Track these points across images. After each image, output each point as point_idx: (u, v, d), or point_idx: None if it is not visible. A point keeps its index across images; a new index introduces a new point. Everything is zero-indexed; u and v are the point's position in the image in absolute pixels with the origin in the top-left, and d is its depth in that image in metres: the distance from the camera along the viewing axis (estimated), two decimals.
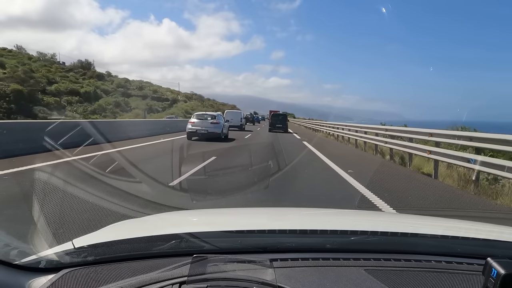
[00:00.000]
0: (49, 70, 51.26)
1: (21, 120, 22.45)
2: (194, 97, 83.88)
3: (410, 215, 3.02)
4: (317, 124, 31.00)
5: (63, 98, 43.77)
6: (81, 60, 64.45)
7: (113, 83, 61.04)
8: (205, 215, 1.96)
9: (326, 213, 2.06)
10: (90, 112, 43.39)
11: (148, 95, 62.11)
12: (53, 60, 59.89)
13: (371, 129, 14.23)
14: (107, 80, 60.74)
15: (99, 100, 48.11)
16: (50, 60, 58.51)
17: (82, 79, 54.24)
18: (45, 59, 57.89)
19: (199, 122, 16.22)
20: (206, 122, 16.28)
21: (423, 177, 8.46)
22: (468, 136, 7.35)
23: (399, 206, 5.11)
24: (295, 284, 0.95)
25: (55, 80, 47.71)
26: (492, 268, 0.83)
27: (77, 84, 50.35)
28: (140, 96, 59.58)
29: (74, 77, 53.74)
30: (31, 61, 52.08)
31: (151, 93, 65.33)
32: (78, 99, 45.84)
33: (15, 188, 5.39)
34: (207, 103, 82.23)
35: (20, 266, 1.05)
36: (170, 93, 74.71)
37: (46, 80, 45.62)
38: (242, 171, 7.85)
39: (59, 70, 54.46)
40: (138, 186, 5.57)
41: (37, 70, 47.80)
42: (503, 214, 5.34)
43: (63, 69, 56.19)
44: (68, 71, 55.92)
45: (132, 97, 56.91)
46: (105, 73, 66.98)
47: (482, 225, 1.72)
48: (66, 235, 3.09)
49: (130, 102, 53.81)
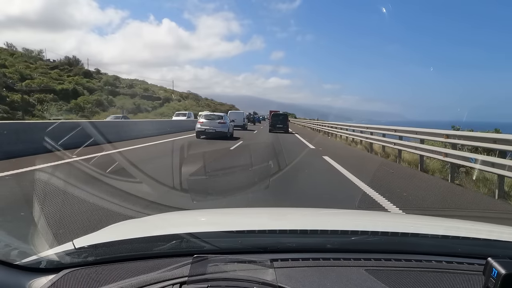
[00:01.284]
0: (29, 66, 47.67)
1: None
2: (190, 96, 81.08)
3: (410, 215, 3.03)
4: (319, 124, 30.79)
5: (33, 95, 38.85)
6: (68, 57, 61.36)
7: (101, 80, 57.21)
8: (206, 215, 1.96)
9: (326, 213, 2.06)
10: (64, 111, 38.61)
11: (138, 94, 58.63)
12: (39, 57, 57.23)
13: (382, 130, 12.84)
14: (95, 78, 57.23)
15: (77, 99, 43.24)
16: (35, 57, 55.80)
17: (67, 76, 50.49)
18: (31, 55, 55.24)
19: (207, 122, 17.72)
20: (214, 122, 17.75)
21: (438, 180, 7.97)
22: (492, 138, 6.66)
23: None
24: (296, 284, 0.95)
25: (31, 76, 43.38)
26: (492, 268, 0.83)
27: (57, 81, 45.65)
28: (129, 94, 55.89)
29: (58, 74, 50.09)
30: (12, 57, 48.31)
31: (141, 91, 61.84)
32: (53, 97, 40.43)
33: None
34: (203, 103, 79.14)
35: (20, 266, 1.05)
36: (163, 92, 71.59)
37: (19, 76, 40.88)
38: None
39: (43, 66, 51.28)
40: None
41: (11, 65, 43.62)
42: (503, 214, 5.33)
43: (47, 66, 52.99)
44: (52, 68, 52.60)
45: (119, 96, 53.08)
46: (94, 70, 63.56)
47: (483, 225, 1.72)
48: (67, 235, 3.09)
49: (116, 101, 49.48)
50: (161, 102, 60.55)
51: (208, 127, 17.48)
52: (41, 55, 59.32)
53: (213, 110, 70.26)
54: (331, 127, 22.96)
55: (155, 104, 57.13)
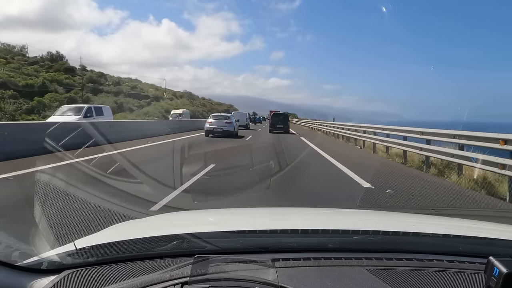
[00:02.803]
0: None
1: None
2: (185, 95, 77.52)
3: (411, 214, 3.02)
4: (321, 124, 29.67)
5: None
6: (51, 52, 57.61)
7: (84, 77, 52.88)
8: (207, 215, 1.96)
9: (327, 213, 2.06)
10: (25, 111, 33.70)
11: (123, 91, 55.10)
12: (22, 53, 54.48)
13: (403, 132, 10.68)
14: (78, 75, 53.17)
15: (44, 96, 38.50)
16: (16, 53, 52.93)
17: (45, 72, 46.86)
18: (12, 51, 52.47)
19: (215, 122, 19.75)
20: (222, 122, 19.80)
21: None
22: None
23: None
24: (297, 284, 0.95)
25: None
26: (494, 266, 0.83)
27: (28, 76, 41.33)
28: (113, 92, 52.32)
29: (35, 70, 46.53)
30: None
31: (128, 89, 58.13)
32: (12, 93, 35.43)
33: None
34: (198, 102, 75.49)
35: (22, 267, 1.05)
36: (154, 90, 67.53)
37: None
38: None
39: (20, 62, 48.25)
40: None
41: None
42: (504, 212, 5.33)
43: (25, 62, 50.24)
44: (32, 64, 49.67)
45: (101, 93, 49.46)
46: (79, 66, 59.50)
47: (484, 224, 1.72)
48: (68, 236, 3.10)
49: (95, 99, 44.68)
50: (149, 101, 56.67)
51: (216, 126, 19.35)
52: (24, 51, 56.58)
53: (208, 110, 66.59)
54: (345, 129, 19.60)
55: (142, 103, 53.35)
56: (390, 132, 12.02)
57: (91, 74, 58.35)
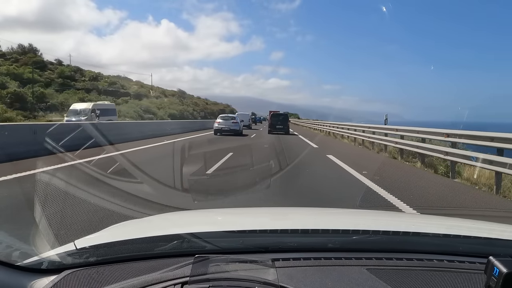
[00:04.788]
0: None
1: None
2: (176, 94, 72.04)
3: (411, 214, 3.03)
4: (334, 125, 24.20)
5: None
6: (22, 45, 54.16)
7: (55, 72, 48.63)
8: (207, 215, 1.96)
9: (327, 213, 2.06)
10: None
11: (98, 88, 50.11)
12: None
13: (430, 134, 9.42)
14: (49, 70, 49.34)
15: None
16: None
17: (9, 65, 43.90)
18: None
19: (223, 122, 22.50)
20: (229, 122, 22.58)
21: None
22: None
23: None
24: (297, 284, 0.95)
25: None
26: (494, 266, 0.83)
27: None
28: (85, 89, 47.38)
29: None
30: None
31: (105, 85, 52.70)
32: None
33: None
34: (188, 101, 69.32)
35: (22, 267, 1.05)
36: (139, 87, 61.70)
37: None
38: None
39: None
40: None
41: None
42: (504, 212, 5.32)
43: None
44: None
45: (70, 90, 44.36)
46: (54, 61, 55.18)
47: (484, 224, 1.72)
48: (68, 236, 3.10)
49: (57, 96, 40.36)
50: (128, 99, 50.34)
51: (224, 126, 22.18)
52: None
53: (202, 109, 63.55)
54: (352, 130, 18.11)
55: (119, 101, 45.88)
56: (405, 133, 10.66)
57: (64, 69, 53.54)
